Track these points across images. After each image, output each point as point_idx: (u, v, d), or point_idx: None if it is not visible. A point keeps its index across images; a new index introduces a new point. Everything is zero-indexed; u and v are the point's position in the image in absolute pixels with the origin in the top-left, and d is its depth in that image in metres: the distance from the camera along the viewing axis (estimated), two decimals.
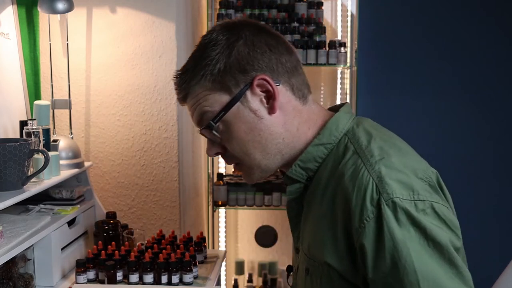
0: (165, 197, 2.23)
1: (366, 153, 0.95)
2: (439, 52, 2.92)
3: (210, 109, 1.01)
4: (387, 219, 0.87)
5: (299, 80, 1.04)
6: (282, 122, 1.01)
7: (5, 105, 1.83)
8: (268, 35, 1.03)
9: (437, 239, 0.87)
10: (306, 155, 1.02)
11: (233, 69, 0.99)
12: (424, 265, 0.86)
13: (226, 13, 2.63)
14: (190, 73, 1.02)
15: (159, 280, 1.64)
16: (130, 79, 2.17)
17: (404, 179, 0.90)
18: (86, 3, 2.14)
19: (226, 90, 1.00)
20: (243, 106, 1.00)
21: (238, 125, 1.00)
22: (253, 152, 1.02)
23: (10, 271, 1.51)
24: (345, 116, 1.04)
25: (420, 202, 0.89)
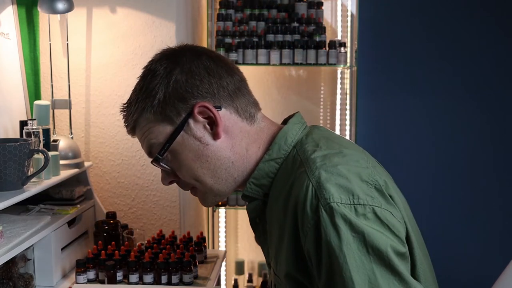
0: (165, 197, 2.23)
1: (309, 161, 0.93)
2: (439, 52, 2.92)
3: (156, 141, 1.01)
4: (324, 225, 0.85)
5: (243, 101, 1.03)
6: (229, 146, 1.01)
7: (5, 105, 1.83)
8: (207, 59, 1.01)
9: (376, 245, 0.84)
10: (258, 172, 1.01)
11: (173, 98, 0.98)
12: (362, 273, 0.83)
13: (226, 13, 2.63)
14: (133, 107, 1.03)
15: (159, 280, 1.64)
16: (130, 79, 2.17)
17: (344, 183, 0.88)
18: (86, 3, 2.14)
19: (168, 121, 0.99)
20: (187, 134, 0.99)
21: (185, 153, 1.00)
22: (204, 178, 1.01)
23: (10, 271, 1.51)
24: (294, 127, 1.03)
25: (360, 206, 0.86)
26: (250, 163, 1.02)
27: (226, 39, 2.59)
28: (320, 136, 1.01)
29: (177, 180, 1.05)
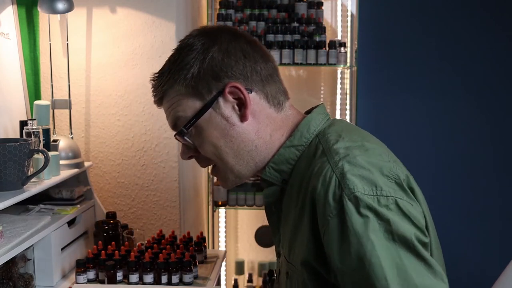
0: (165, 197, 2.23)
1: (332, 151, 0.94)
2: (439, 52, 2.92)
3: (183, 114, 1.02)
4: (349, 214, 0.86)
5: (274, 88, 1.04)
6: (255, 130, 1.02)
7: (5, 105, 1.83)
8: (245, 42, 1.03)
9: (401, 233, 0.85)
10: (278, 157, 1.02)
11: (206, 75, 0.99)
12: (390, 259, 0.84)
13: (226, 13, 2.63)
14: (165, 77, 1.03)
15: (159, 280, 1.64)
16: (130, 79, 2.17)
17: (367, 175, 0.89)
18: (86, 3, 2.14)
19: (198, 96, 1.00)
20: (215, 112, 1.00)
21: (210, 131, 1.01)
22: (226, 157, 1.02)
23: (10, 271, 1.51)
24: (317, 117, 1.05)
25: (382, 197, 0.87)
26: (272, 149, 1.03)
27: None
28: (343, 128, 1.02)
29: (196, 156, 1.06)
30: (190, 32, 1.08)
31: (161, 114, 2.19)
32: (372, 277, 0.82)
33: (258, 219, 3.00)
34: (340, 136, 0.98)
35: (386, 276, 0.82)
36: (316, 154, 0.98)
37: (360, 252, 0.84)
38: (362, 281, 0.84)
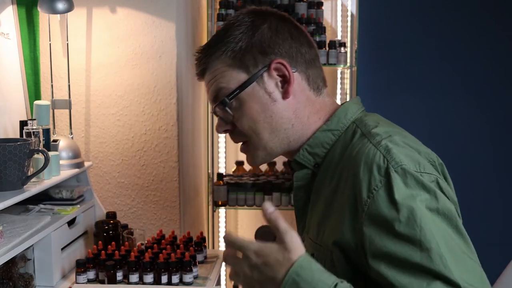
0: (165, 197, 2.23)
1: (373, 133, 0.97)
2: (439, 51, 2.92)
3: (226, 85, 1.04)
4: (397, 185, 0.88)
5: (315, 73, 1.08)
6: (293, 109, 1.04)
7: (5, 105, 1.83)
8: (292, 26, 1.07)
9: (446, 207, 0.88)
10: (313, 140, 1.05)
11: (254, 49, 1.02)
12: (437, 227, 0.86)
13: (226, 13, 2.63)
14: (212, 48, 1.05)
15: (159, 280, 1.64)
16: (130, 79, 2.17)
17: (410, 154, 0.93)
18: (86, 3, 2.14)
19: (244, 69, 1.03)
20: (259, 86, 1.03)
21: (251, 104, 1.03)
22: (262, 132, 1.04)
23: (10, 271, 1.51)
24: (354, 106, 1.08)
25: (426, 174, 0.90)
26: (308, 130, 1.06)
27: None
28: (379, 117, 1.07)
29: (231, 130, 1.08)
30: (240, 10, 1.11)
31: (161, 114, 2.19)
32: (425, 243, 0.84)
33: (258, 219, 3.00)
34: (378, 123, 1.02)
35: (438, 242, 0.84)
36: (353, 138, 1.00)
37: (411, 220, 0.86)
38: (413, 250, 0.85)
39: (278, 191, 2.65)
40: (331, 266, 0.96)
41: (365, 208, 0.90)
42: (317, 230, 1.01)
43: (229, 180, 2.71)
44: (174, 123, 2.20)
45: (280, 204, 2.66)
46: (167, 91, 2.18)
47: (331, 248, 0.95)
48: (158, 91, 2.18)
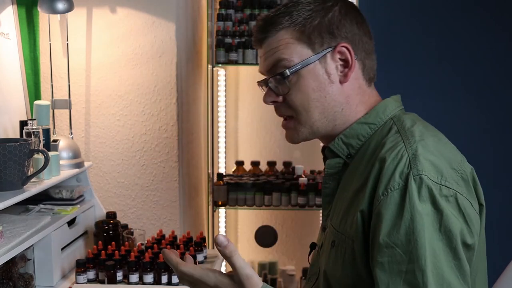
0: (165, 197, 2.23)
1: (407, 133, 0.99)
2: (439, 52, 2.92)
3: (289, 57, 1.04)
4: (410, 192, 0.90)
5: (370, 64, 1.10)
6: (346, 94, 1.06)
7: (5, 105, 1.83)
8: (358, 14, 1.09)
9: (449, 227, 0.89)
10: (350, 130, 1.06)
11: (323, 28, 1.04)
12: (433, 245, 0.88)
13: (226, 13, 2.63)
14: (281, 18, 1.06)
15: (159, 280, 1.64)
16: (130, 79, 2.17)
17: (437, 162, 0.93)
18: (86, 3, 2.14)
19: (310, 45, 1.04)
20: (320, 65, 1.04)
21: (309, 81, 1.04)
22: (313, 110, 1.05)
23: (10, 271, 1.51)
24: (394, 103, 1.10)
25: (445, 188, 0.91)
26: (353, 119, 1.07)
27: (226, 39, 2.59)
28: (417, 118, 1.08)
29: (278, 103, 1.09)
30: None
31: (161, 114, 2.19)
32: (413, 254, 0.87)
33: (258, 219, 3.00)
34: (415, 122, 1.03)
35: (426, 257, 0.87)
36: (388, 134, 1.02)
37: (410, 229, 0.88)
38: (402, 257, 0.88)
39: (278, 191, 2.65)
40: (351, 256, 0.97)
41: (377, 203, 0.92)
42: (340, 218, 1.02)
43: (229, 180, 2.71)
44: (174, 123, 2.20)
45: (280, 204, 2.67)
46: (167, 91, 2.18)
47: (353, 238, 0.97)
48: (158, 91, 2.18)
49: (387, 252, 0.89)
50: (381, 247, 0.90)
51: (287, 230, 3.02)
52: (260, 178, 2.73)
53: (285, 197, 2.65)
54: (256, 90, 1.16)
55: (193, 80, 2.46)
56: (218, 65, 2.63)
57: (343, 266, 0.99)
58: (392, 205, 0.90)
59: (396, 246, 0.89)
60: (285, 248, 3.02)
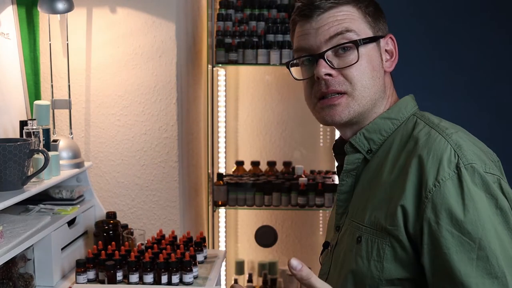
0: (165, 197, 2.23)
1: (440, 126, 1.01)
2: (439, 52, 2.92)
3: (358, 30, 1.05)
4: (466, 181, 0.91)
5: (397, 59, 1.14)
6: (385, 84, 1.09)
7: (5, 105, 1.83)
8: None
9: (504, 209, 0.92)
10: (372, 125, 1.06)
11: (380, 16, 1.09)
12: (496, 228, 0.90)
13: (226, 13, 2.63)
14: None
15: (159, 280, 1.64)
16: (130, 79, 2.17)
17: (478, 152, 0.97)
18: (86, 3, 2.14)
19: (371, 27, 1.07)
20: (377, 48, 1.07)
21: (368, 59, 1.05)
22: (370, 87, 1.05)
23: (10, 271, 1.51)
24: (412, 101, 1.12)
25: (490, 175, 0.94)
26: (379, 108, 1.08)
27: (226, 39, 2.59)
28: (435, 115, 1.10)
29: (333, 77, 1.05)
30: None
31: (161, 114, 2.19)
32: (484, 242, 0.89)
33: (258, 219, 3.01)
34: (440, 119, 1.06)
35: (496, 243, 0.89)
36: (415, 128, 1.03)
37: (475, 217, 0.90)
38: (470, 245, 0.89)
39: (278, 191, 2.65)
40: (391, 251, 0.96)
41: (429, 195, 0.92)
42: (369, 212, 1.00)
43: (229, 180, 2.71)
44: (174, 123, 2.20)
45: (280, 204, 2.67)
46: (167, 91, 2.18)
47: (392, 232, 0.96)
48: (158, 91, 2.18)
49: (453, 241, 0.90)
50: (446, 237, 0.90)
51: (287, 230, 3.02)
52: (260, 178, 2.73)
53: (285, 197, 2.65)
54: (256, 90, 1.16)
55: (193, 80, 2.46)
56: (218, 65, 2.63)
57: (379, 261, 0.97)
58: (450, 196, 0.91)
59: (462, 234, 0.89)
60: (285, 248, 3.02)
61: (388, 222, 0.96)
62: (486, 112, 2.94)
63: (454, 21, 2.92)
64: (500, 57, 2.92)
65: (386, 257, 0.96)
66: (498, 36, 2.90)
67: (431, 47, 2.92)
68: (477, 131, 3.14)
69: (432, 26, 2.92)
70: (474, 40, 2.92)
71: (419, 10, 2.92)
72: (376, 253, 0.97)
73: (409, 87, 3.10)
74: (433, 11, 2.91)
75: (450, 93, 2.93)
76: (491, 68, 2.92)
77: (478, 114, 2.94)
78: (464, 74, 2.93)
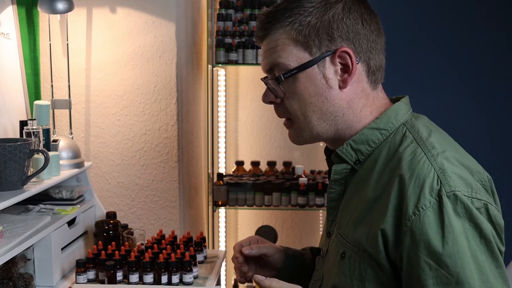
0: (165, 197, 2.23)
1: (427, 144, 0.95)
2: (439, 52, 2.92)
3: (285, 61, 0.99)
4: (447, 211, 0.87)
5: (377, 64, 1.03)
6: (348, 99, 1.00)
7: (5, 105, 1.83)
8: (366, 10, 1.02)
9: (488, 237, 0.88)
10: (359, 136, 1.01)
11: (322, 30, 0.97)
12: (476, 261, 0.87)
13: (226, 13, 2.63)
14: (279, 15, 1.00)
15: (159, 280, 1.64)
16: (130, 79, 2.17)
17: (464, 175, 0.91)
18: (86, 3, 2.14)
19: (307, 48, 0.98)
20: (318, 70, 0.99)
21: (306, 85, 0.99)
22: (311, 115, 1.01)
23: (10, 271, 1.51)
24: (405, 107, 1.04)
25: (476, 200, 0.90)
26: (358, 123, 1.02)
27: (226, 39, 2.59)
28: (429, 123, 1.04)
29: (276, 104, 1.04)
30: None
31: (161, 114, 2.19)
32: (462, 276, 0.85)
33: (258, 219, 3.01)
34: (430, 130, 1.00)
35: (474, 276, 0.86)
36: (403, 142, 0.97)
37: (454, 249, 0.86)
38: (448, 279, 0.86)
39: (278, 191, 2.65)
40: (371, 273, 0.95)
41: (408, 223, 0.89)
42: (351, 227, 0.99)
43: (229, 180, 2.71)
44: (174, 123, 2.20)
45: (280, 204, 2.66)
46: (167, 91, 2.18)
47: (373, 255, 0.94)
48: (158, 91, 2.18)
49: (431, 273, 0.87)
50: (424, 269, 0.87)
51: (287, 230, 3.02)
52: (260, 178, 2.73)
53: (285, 197, 2.65)
54: (256, 90, 1.16)
55: (193, 80, 2.46)
56: (218, 65, 2.63)
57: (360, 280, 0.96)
58: (428, 225, 0.87)
59: (440, 267, 0.86)
60: None
61: (369, 244, 0.94)
62: (486, 112, 2.94)
63: (454, 21, 2.92)
64: (500, 57, 2.92)
65: (368, 277, 0.95)
66: (498, 36, 2.90)
67: (431, 47, 2.92)
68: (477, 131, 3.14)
69: (432, 26, 2.92)
70: (474, 40, 2.92)
71: (419, 10, 2.92)
72: (358, 272, 0.96)
73: (409, 87, 3.12)
74: (433, 10, 2.91)
75: (450, 93, 2.93)
76: (492, 68, 2.92)
77: (478, 114, 2.94)
78: (464, 74, 2.93)
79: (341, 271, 0.99)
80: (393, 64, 3.07)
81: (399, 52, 2.93)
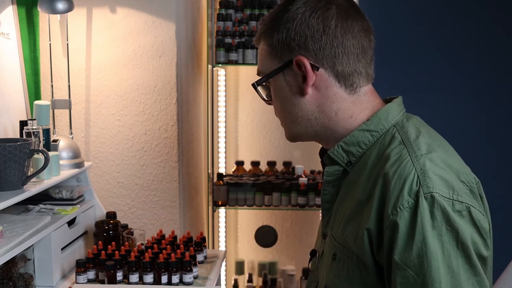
0: (165, 197, 2.23)
1: (413, 145, 0.95)
2: (439, 52, 2.92)
3: (261, 69, 1.08)
4: (422, 212, 0.87)
5: (346, 69, 1.03)
6: (316, 103, 1.03)
7: (5, 105, 1.83)
8: (335, 14, 1.01)
9: (466, 243, 0.87)
10: (350, 138, 1.03)
11: (284, 40, 1.02)
12: (449, 265, 0.86)
13: (226, 13, 2.63)
14: (267, 25, 1.06)
15: (159, 280, 1.64)
16: (130, 79, 2.18)
17: (447, 177, 0.90)
18: (86, 3, 2.14)
19: (276, 58, 1.05)
20: (283, 77, 1.05)
21: (276, 92, 1.07)
22: (287, 118, 1.07)
23: (10, 271, 1.51)
24: (396, 108, 1.05)
25: (458, 203, 0.88)
26: (337, 126, 1.04)
27: (226, 39, 2.59)
28: (420, 123, 1.04)
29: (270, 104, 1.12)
30: None
31: (161, 114, 2.19)
32: (427, 277, 0.85)
33: (258, 219, 3.00)
34: (420, 131, 0.99)
35: (441, 280, 0.85)
36: (391, 143, 0.98)
37: (422, 251, 0.86)
38: (414, 280, 0.86)
39: (278, 191, 2.65)
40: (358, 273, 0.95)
41: (387, 222, 0.90)
42: (341, 228, 1.00)
43: (229, 180, 2.71)
44: (174, 123, 2.20)
45: (280, 204, 2.66)
46: (167, 91, 2.18)
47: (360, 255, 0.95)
48: (158, 91, 2.18)
49: (399, 273, 0.88)
50: (394, 268, 0.88)
51: (287, 230, 3.02)
52: (260, 178, 2.73)
53: (285, 197, 2.65)
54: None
55: (193, 80, 2.46)
56: (218, 65, 2.63)
57: (348, 281, 0.96)
58: (403, 225, 0.88)
59: (408, 267, 0.87)
60: (285, 248, 3.02)
61: (356, 245, 0.95)
62: (486, 112, 2.94)
63: (454, 21, 2.92)
64: (500, 56, 2.92)
65: (356, 279, 0.95)
66: (498, 36, 2.90)
67: (431, 47, 2.92)
68: (477, 131, 3.13)
69: (432, 26, 2.92)
70: (474, 40, 2.92)
71: (419, 10, 2.92)
72: (346, 273, 0.97)
73: (410, 87, 3.11)
74: (433, 11, 2.91)
75: (450, 93, 2.93)
76: (492, 68, 2.92)
77: (478, 114, 2.94)
78: (464, 74, 2.93)
79: (332, 272, 1.00)
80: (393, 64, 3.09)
81: (399, 52, 2.93)
